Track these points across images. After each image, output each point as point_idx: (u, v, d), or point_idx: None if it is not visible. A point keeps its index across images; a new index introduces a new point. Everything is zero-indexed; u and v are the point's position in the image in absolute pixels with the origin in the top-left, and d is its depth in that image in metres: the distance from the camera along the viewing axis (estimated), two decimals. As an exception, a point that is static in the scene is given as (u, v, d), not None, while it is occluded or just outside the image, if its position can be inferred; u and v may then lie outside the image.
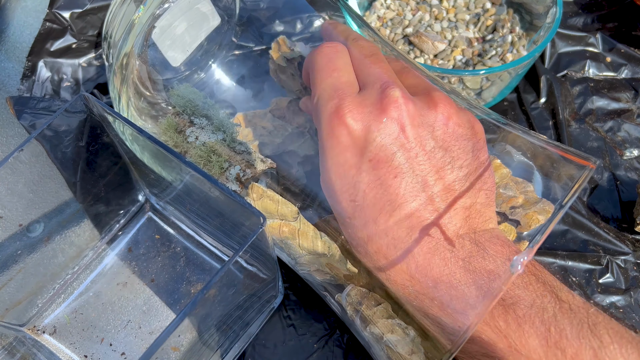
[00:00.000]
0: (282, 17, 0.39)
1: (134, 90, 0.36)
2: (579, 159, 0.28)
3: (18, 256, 0.36)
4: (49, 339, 0.37)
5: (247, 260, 0.31)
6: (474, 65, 0.46)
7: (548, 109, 0.49)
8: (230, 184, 0.34)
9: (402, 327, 0.29)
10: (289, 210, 0.32)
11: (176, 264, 0.40)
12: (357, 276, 0.31)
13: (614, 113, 0.49)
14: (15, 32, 0.53)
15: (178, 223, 0.42)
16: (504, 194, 0.30)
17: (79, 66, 0.51)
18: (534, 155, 0.31)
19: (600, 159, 0.46)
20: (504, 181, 0.31)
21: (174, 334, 0.25)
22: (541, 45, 0.41)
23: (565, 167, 0.29)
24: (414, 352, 0.28)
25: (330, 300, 0.34)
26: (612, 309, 0.39)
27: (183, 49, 0.38)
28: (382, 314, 0.29)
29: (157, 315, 0.38)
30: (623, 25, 0.54)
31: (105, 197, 0.40)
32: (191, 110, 0.36)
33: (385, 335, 0.29)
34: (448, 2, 0.50)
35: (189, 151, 0.35)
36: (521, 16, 0.49)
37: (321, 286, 0.34)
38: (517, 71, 0.42)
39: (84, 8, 0.53)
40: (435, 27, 0.48)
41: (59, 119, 0.32)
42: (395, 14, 0.50)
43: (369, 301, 0.30)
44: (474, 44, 0.47)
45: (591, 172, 0.27)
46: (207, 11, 0.38)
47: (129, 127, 0.31)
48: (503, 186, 0.30)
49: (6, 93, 0.50)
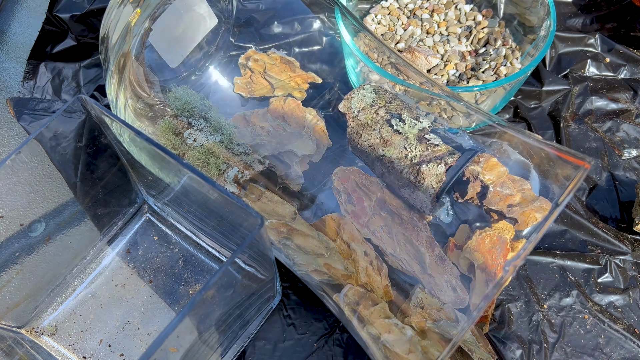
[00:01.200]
0: (280, 19, 0.39)
1: (131, 92, 0.36)
2: (574, 159, 0.28)
3: (17, 257, 0.36)
4: (47, 340, 0.37)
5: (245, 261, 0.31)
6: (467, 79, 0.45)
7: (547, 109, 0.49)
8: (228, 185, 0.34)
9: (399, 327, 0.29)
10: (287, 211, 0.32)
11: (174, 265, 0.40)
12: (354, 276, 0.31)
13: (612, 113, 0.49)
14: (16, 32, 0.54)
15: (176, 224, 0.42)
16: (501, 192, 0.30)
17: (80, 68, 0.51)
18: (530, 155, 0.31)
19: (599, 159, 0.46)
20: (500, 179, 0.31)
21: (172, 334, 0.25)
22: (537, 58, 0.41)
23: (561, 166, 0.29)
24: (411, 351, 0.28)
25: (328, 301, 0.34)
26: (611, 308, 0.39)
27: (180, 50, 0.38)
28: (379, 314, 0.29)
29: (156, 316, 0.38)
30: (622, 26, 0.54)
31: (104, 199, 0.40)
32: (189, 112, 0.36)
33: (382, 335, 0.29)
34: (439, 15, 0.49)
35: (187, 153, 0.35)
36: (515, 29, 0.48)
37: (319, 286, 0.34)
38: (512, 86, 0.42)
39: (83, 11, 0.53)
40: (427, 41, 0.48)
41: (57, 121, 0.32)
42: (386, 29, 0.49)
43: (366, 301, 0.30)
44: (467, 57, 0.46)
45: (586, 172, 0.27)
46: (204, 13, 0.38)
47: (126, 129, 0.31)
48: (500, 184, 0.30)
49: (7, 93, 0.50)
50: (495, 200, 0.30)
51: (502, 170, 0.31)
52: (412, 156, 0.32)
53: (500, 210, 0.30)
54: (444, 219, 0.32)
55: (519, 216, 0.29)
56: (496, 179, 0.30)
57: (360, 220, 0.33)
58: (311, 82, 0.39)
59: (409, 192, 0.32)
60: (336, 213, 0.34)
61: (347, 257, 0.32)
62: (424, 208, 0.32)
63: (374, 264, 0.32)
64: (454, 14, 0.49)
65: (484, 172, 0.31)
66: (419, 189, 0.31)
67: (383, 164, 0.33)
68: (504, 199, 0.30)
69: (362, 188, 0.34)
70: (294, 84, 0.38)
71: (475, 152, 0.32)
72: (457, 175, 0.31)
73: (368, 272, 0.32)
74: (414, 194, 0.32)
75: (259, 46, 0.39)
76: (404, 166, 0.32)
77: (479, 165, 0.31)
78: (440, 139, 0.32)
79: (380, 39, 0.37)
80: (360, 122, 0.34)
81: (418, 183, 0.31)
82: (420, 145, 0.32)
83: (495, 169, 0.31)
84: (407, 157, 0.32)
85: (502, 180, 0.30)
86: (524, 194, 0.30)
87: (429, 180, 0.31)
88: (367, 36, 0.37)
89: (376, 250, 0.32)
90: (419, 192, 0.31)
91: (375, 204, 0.33)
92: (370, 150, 0.33)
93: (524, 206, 0.29)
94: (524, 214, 0.29)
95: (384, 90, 0.35)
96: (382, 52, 0.36)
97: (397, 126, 0.33)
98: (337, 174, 0.35)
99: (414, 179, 0.31)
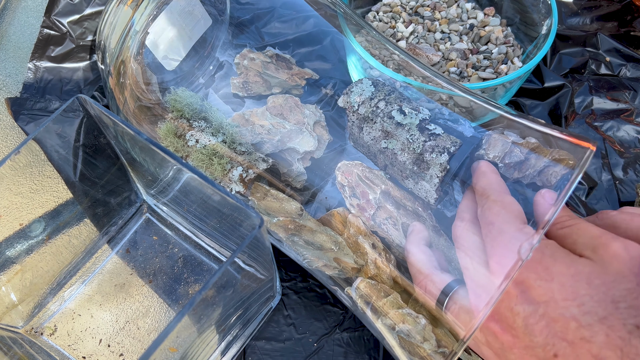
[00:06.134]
0: (280, 17, 0.39)
1: (130, 95, 0.36)
2: (580, 141, 0.29)
3: (17, 257, 0.36)
4: (47, 340, 0.37)
5: (244, 260, 0.31)
6: (468, 77, 0.45)
7: (548, 108, 0.49)
8: (233, 185, 0.34)
9: (412, 316, 0.29)
10: (293, 207, 0.32)
11: (174, 265, 0.40)
12: (364, 268, 0.31)
13: (613, 113, 0.49)
14: (16, 32, 0.54)
15: (176, 224, 0.42)
16: (510, 162, 0.30)
17: (80, 70, 0.51)
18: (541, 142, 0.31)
19: (599, 158, 0.46)
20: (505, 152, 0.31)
21: (172, 334, 0.25)
22: (537, 57, 0.41)
23: (567, 149, 0.29)
24: (426, 339, 0.28)
25: (341, 294, 0.34)
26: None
27: (177, 52, 0.38)
28: (392, 305, 0.30)
29: (156, 316, 0.38)
30: (622, 25, 0.54)
31: (103, 199, 0.40)
32: (189, 114, 0.36)
33: (398, 325, 0.29)
34: (440, 13, 0.49)
35: (190, 155, 0.35)
36: (516, 27, 0.48)
37: (331, 280, 0.34)
38: (512, 84, 0.42)
39: (81, 14, 0.53)
40: (428, 39, 0.48)
41: (56, 121, 0.32)
42: (388, 27, 0.49)
43: (378, 292, 0.30)
44: (468, 55, 0.46)
45: (592, 154, 0.27)
46: (199, 14, 0.38)
47: (128, 130, 0.31)
48: (509, 155, 0.31)
49: (7, 93, 0.50)
50: (510, 173, 0.30)
51: (507, 142, 0.31)
52: (415, 147, 0.32)
53: (518, 178, 0.30)
54: (449, 208, 0.33)
55: (537, 179, 0.29)
56: (501, 153, 0.30)
57: (365, 213, 0.33)
58: (309, 79, 0.39)
59: (413, 183, 0.32)
60: (342, 207, 0.34)
61: (356, 250, 0.32)
62: (429, 198, 0.32)
63: (382, 256, 0.32)
64: (456, 12, 0.49)
65: (487, 152, 0.31)
66: (423, 179, 0.31)
67: (386, 156, 0.33)
68: (516, 168, 0.30)
69: (366, 181, 0.34)
70: (291, 81, 0.38)
71: (477, 139, 0.32)
72: (461, 163, 0.31)
73: (377, 264, 0.32)
74: (418, 184, 0.32)
75: (256, 45, 0.39)
76: (407, 157, 0.32)
77: (481, 149, 0.31)
78: (442, 128, 0.32)
79: (382, 34, 0.37)
80: (360, 116, 0.34)
81: (422, 173, 0.31)
82: (422, 136, 0.32)
83: (498, 145, 0.31)
84: (409, 147, 0.32)
85: (507, 150, 0.30)
86: (536, 154, 0.30)
87: (433, 169, 0.31)
88: (370, 33, 0.37)
89: (383, 242, 0.32)
90: (423, 182, 0.32)
91: (380, 196, 0.33)
92: (372, 143, 0.33)
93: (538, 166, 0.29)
94: (543, 173, 0.29)
95: (382, 83, 0.35)
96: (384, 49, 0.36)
97: (398, 117, 0.33)
98: (341, 169, 0.35)
99: (417, 169, 0.32)
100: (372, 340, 0.38)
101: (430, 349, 0.29)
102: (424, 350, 0.29)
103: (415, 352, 0.29)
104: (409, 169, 0.32)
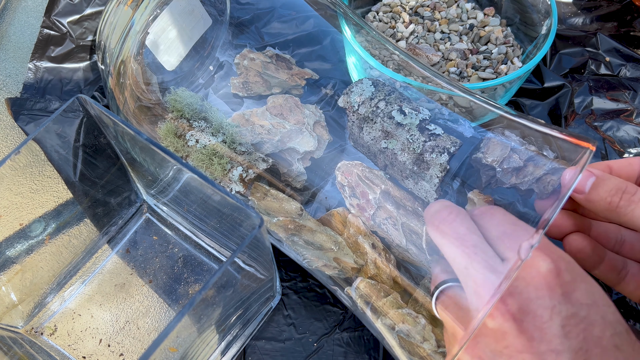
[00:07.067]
0: (280, 17, 0.39)
1: (130, 95, 0.36)
2: (579, 141, 0.29)
3: (17, 257, 0.36)
4: (47, 340, 0.37)
5: (244, 260, 0.31)
6: (468, 77, 0.45)
7: (547, 109, 0.49)
8: (233, 184, 0.34)
9: (412, 316, 0.29)
10: (293, 207, 0.32)
11: (174, 264, 0.40)
12: (364, 268, 0.31)
13: (613, 113, 0.49)
14: (16, 32, 0.54)
15: (175, 224, 0.42)
16: (508, 168, 0.30)
17: (80, 71, 0.52)
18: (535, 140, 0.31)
19: (599, 159, 0.46)
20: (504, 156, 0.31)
21: (172, 334, 0.25)
22: (537, 57, 0.41)
23: (567, 150, 0.29)
24: (425, 339, 0.28)
25: (340, 294, 0.34)
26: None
27: (177, 52, 0.38)
28: (392, 305, 0.30)
29: (156, 316, 0.38)
30: (622, 25, 0.54)
31: (103, 198, 0.40)
32: (189, 114, 0.36)
33: (397, 325, 0.29)
34: (440, 13, 0.49)
35: (190, 155, 0.35)
36: (516, 27, 0.48)
37: (331, 280, 0.34)
38: (512, 84, 0.42)
39: (81, 14, 0.54)
40: (428, 39, 0.48)
41: (56, 121, 0.32)
42: (388, 27, 0.49)
43: (378, 292, 0.30)
44: (468, 55, 0.46)
45: (591, 154, 0.27)
46: (199, 14, 0.38)
47: (128, 130, 0.31)
48: (507, 161, 0.31)
49: (7, 93, 0.50)
50: (507, 178, 0.30)
51: (505, 147, 0.31)
52: (415, 147, 0.32)
53: (515, 184, 0.30)
54: None
55: (535, 186, 0.29)
56: (499, 157, 0.30)
57: (365, 213, 0.33)
58: (309, 79, 0.39)
59: (413, 183, 0.32)
60: (342, 207, 0.34)
61: (355, 250, 0.32)
62: (429, 198, 0.32)
63: (382, 256, 0.32)
64: (455, 12, 0.49)
65: (486, 156, 0.31)
66: (423, 179, 0.32)
67: (386, 156, 0.33)
68: (514, 173, 0.30)
69: (366, 181, 0.34)
70: (291, 81, 0.38)
71: (477, 139, 0.32)
72: (461, 163, 0.31)
73: (377, 264, 0.32)
74: (418, 184, 0.32)
75: (256, 45, 0.39)
76: (407, 157, 0.32)
77: (480, 152, 0.31)
78: (442, 128, 0.32)
79: (382, 35, 0.37)
80: (360, 116, 0.34)
81: (422, 173, 0.31)
82: (422, 136, 0.32)
83: (497, 150, 0.31)
84: (409, 148, 0.32)
85: (505, 156, 0.30)
86: (534, 162, 0.30)
87: (433, 170, 0.31)
88: (370, 33, 0.37)
89: (383, 242, 0.32)
90: (423, 182, 0.32)
91: (380, 196, 0.33)
92: (372, 143, 0.34)
93: (536, 173, 0.29)
94: (541, 181, 0.29)
95: (382, 83, 0.35)
96: (384, 49, 0.36)
97: (398, 118, 0.33)
98: (340, 169, 0.35)
99: (417, 169, 0.32)
100: (372, 340, 0.38)
101: (430, 349, 0.29)
102: (424, 350, 0.29)
103: (415, 352, 0.29)
104: (409, 169, 0.32)
